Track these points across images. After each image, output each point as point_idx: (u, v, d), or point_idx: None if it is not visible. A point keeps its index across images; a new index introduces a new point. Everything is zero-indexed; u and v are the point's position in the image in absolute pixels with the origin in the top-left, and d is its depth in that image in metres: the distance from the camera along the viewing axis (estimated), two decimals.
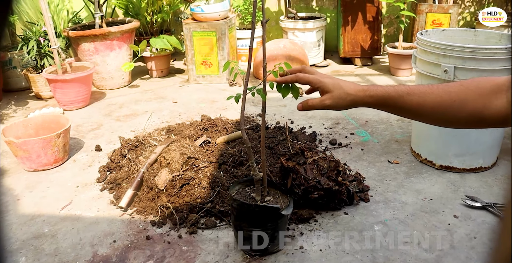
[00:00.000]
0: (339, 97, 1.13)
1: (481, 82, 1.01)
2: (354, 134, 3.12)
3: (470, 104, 0.99)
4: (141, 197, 2.34)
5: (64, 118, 3.01)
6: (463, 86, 1.02)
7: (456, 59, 2.33)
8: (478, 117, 0.99)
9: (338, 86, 1.14)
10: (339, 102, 1.14)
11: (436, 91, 1.03)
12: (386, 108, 1.11)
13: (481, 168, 2.58)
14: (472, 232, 2.06)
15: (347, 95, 1.12)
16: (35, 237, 2.15)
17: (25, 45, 4.02)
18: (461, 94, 1.01)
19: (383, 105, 1.10)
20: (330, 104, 1.15)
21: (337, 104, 1.15)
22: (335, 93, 1.14)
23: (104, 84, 4.46)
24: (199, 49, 4.36)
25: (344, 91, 1.13)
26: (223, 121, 3.03)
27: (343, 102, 1.14)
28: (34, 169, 2.78)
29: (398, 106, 1.08)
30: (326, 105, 1.15)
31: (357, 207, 2.27)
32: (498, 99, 0.96)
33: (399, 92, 1.06)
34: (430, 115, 1.06)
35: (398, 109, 1.10)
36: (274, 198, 1.87)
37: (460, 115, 1.01)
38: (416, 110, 1.06)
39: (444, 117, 1.05)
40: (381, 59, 5.05)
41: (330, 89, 1.14)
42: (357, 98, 1.11)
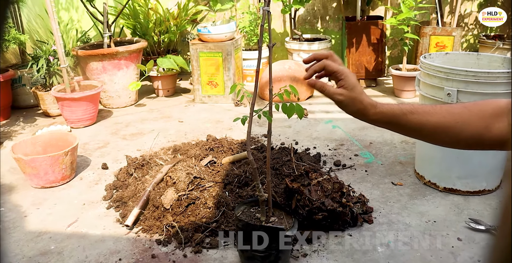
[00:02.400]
0: (352, 100, 1.11)
1: (484, 105, 1.04)
2: (358, 155, 3.14)
3: (472, 125, 1.02)
4: (147, 215, 2.36)
5: (72, 136, 3.05)
6: (466, 109, 1.05)
7: (459, 83, 2.37)
8: (479, 139, 1.02)
9: (359, 91, 1.12)
10: (349, 104, 1.11)
11: (439, 111, 1.06)
12: (390, 125, 1.12)
13: (485, 190, 2.59)
14: (475, 255, 2.06)
15: (359, 103, 1.10)
16: (42, 253, 2.17)
17: (35, 64, 4.09)
18: (463, 116, 1.03)
19: (386, 122, 1.10)
20: (341, 100, 1.11)
21: (346, 105, 1.12)
22: (351, 94, 1.11)
23: (111, 103, 4.51)
24: (205, 69, 4.41)
25: (360, 98, 1.11)
26: (228, 142, 3.06)
27: (352, 106, 1.11)
28: (42, 186, 2.81)
29: (401, 124, 1.09)
30: (337, 99, 1.12)
31: (361, 228, 2.29)
32: (500, 122, 0.99)
33: (403, 110, 1.08)
34: (432, 134, 1.09)
35: (401, 127, 1.11)
36: (278, 218, 1.89)
37: (461, 136, 1.04)
38: (419, 129, 1.08)
39: (446, 137, 1.07)
40: (385, 81, 5.09)
41: (350, 88, 1.11)
42: (364, 110, 1.11)
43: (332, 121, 3.86)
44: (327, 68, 1.13)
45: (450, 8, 5.01)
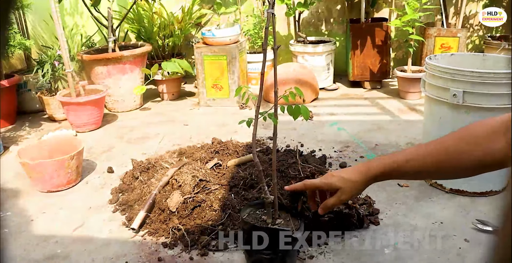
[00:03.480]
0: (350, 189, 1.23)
1: (476, 130, 1.02)
2: (363, 157, 3.13)
3: (469, 156, 1.00)
4: (153, 219, 2.36)
5: (77, 140, 3.05)
6: (458, 139, 1.03)
7: (465, 84, 2.36)
8: (482, 165, 1.00)
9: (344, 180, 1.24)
10: (352, 192, 1.25)
11: (433, 151, 1.06)
12: (391, 178, 1.18)
13: (492, 191, 2.57)
14: (483, 257, 2.05)
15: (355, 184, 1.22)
16: (48, 258, 2.18)
17: (40, 69, 4.11)
18: (458, 148, 1.02)
19: (387, 178, 1.18)
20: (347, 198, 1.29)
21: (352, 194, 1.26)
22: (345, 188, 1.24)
23: (116, 107, 4.53)
24: (210, 73, 4.42)
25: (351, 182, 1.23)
26: (234, 144, 3.06)
27: (356, 190, 1.25)
28: (48, 191, 2.82)
29: (401, 175, 1.14)
30: (344, 200, 1.27)
31: (367, 230, 2.28)
32: (497, 144, 0.96)
33: (398, 162, 1.11)
34: (434, 174, 1.12)
35: (401, 177, 1.18)
36: (285, 221, 1.88)
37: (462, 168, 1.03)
38: (420, 173, 1.11)
39: (449, 172, 1.08)
40: (390, 83, 5.08)
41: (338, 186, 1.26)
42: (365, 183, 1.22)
43: (337, 123, 3.86)
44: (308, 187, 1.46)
45: (455, 9, 5.00)
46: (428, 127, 2.74)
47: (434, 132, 2.63)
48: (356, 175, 1.20)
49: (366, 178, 1.17)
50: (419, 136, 3.38)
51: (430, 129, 2.70)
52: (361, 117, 4.03)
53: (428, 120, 2.74)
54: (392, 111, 4.14)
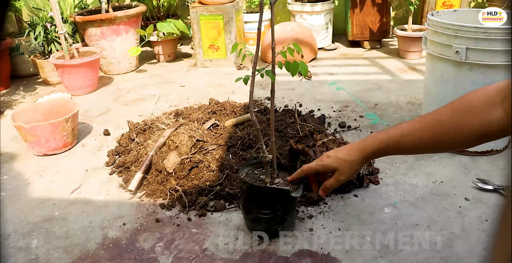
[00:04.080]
0: (349, 169, 1.21)
1: (471, 100, 0.97)
2: (363, 117, 3.09)
3: (466, 127, 0.96)
4: (150, 180, 2.34)
5: (72, 103, 3.00)
6: (454, 111, 0.99)
7: (468, 40, 2.29)
8: (479, 135, 0.96)
9: (340, 161, 1.22)
10: (351, 171, 1.21)
11: (429, 124, 1.02)
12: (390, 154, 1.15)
13: (493, 151, 2.54)
14: (483, 215, 2.03)
15: (352, 163, 1.19)
16: (46, 220, 2.16)
17: (32, 31, 4.01)
18: (454, 120, 0.98)
19: (383, 154, 1.16)
20: (346, 178, 1.23)
21: (350, 174, 1.23)
22: (342, 169, 1.21)
23: (111, 69, 4.45)
24: (206, 33, 4.33)
25: (348, 162, 1.19)
26: (231, 105, 3.01)
27: (353, 170, 1.21)
28: (44, 154, 2.79)
29: (398, 150, 1.11)
30: (342, 180, 1.25)
31: (367, 189, 2.26)
32: (494, 114, 0.91)
33: (393, 138, 1.07)
34: (430, 148, 1.08)
35: (398, 152, 1.15)
36: (283, 180, 1.86)
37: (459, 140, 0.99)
38: (416, 148, 1.07)
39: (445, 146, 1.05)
40: (390, 42, 4.99)
41: (335, 167, 1.24)
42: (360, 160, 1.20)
43: (337, 83, 3.80)
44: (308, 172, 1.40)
45: None
46: (430, 85, 2.68)
47: (436, 91, 2.58)
48: (352, 154, 1.17)
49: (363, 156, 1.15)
50: (420, 95, 3.33)
51: (432, 87, 2.65)
52: (361, 76, 3.97)
53: (430, 78, 2.68)
54: (392, 71, 4.08)
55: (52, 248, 1.96)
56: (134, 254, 1.89)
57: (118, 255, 1.89)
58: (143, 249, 1.92)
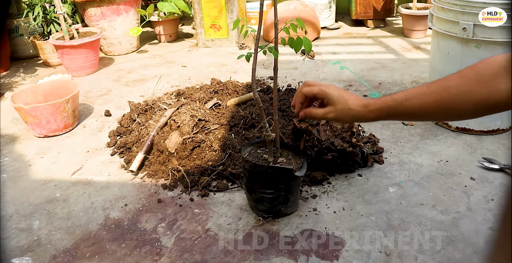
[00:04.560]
0: (342, 111, 1.10)
1: (481, 69, 0.93)
2: (367, 96, 3.05)
3: (473, 95, 0.92)
4: (152, 160, 2.31)
5: (73, 84, 2.97)
6: (462, 78, 0.95)
7: (475, 16, 2.23)
8: (485, 106, 0.92)
9: (343, 100, 1.11)
10: (341, 116, 1.11)
11: (435, 89, 0.97)
12: (390, 118, 1.09)
13: (499, 130, 2.51)
14: (489, 194, 2.01)
15: (349, 111, 1.09)
16: (48, 201, 2.15)
17: (30, 12, 3.95)
18: (461, 87, 0.93)
19: (386, 116, 1.06)
20: (333, 117, 1.12)
21: (340, 118, 1.13)
22: (338, 107, 1.11)
23: (112, 50, 4.40)
24: (207, 12, 4.26)
25: (348, 106, 1.09)
26: (233, 84, 2.97)
27: (345, 117, 1.11)
28: (44, 135, 2.76)
29: (401, 114, 1.04)
30: (329, 118, 1.14)
31: (371, 169, 2.23)
32: (502, 84, 0.87)
33: (397, 100, 1.02)
34: (435, 114, 1.02)
35: (402, 116, 1.09)
36: (287, 159, 1.83)
37: (465, 109, 0.95)
38: (419, 113, 1.01)
39: (450, 113, 0.99)
40: (394, 21, 4.92)
41: (334, 102, 1.11)
42: (359, 113, 1.09)
43: (340, 62, 3.74)
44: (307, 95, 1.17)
45: None
46: (435, 63, 2.63)
47: (442, 69, 2.53)
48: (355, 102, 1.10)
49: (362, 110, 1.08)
50: (424, 74, 3.29)
51: (437, 65, 2.60)
52: (364, 56, 3.91)
53: (435, 56, 2.63)
54: (396, 50, 4.02)
55: (54, 229, 1.95)
56: (136, 234, 1.88)
57: (120, 235, 1.88)
58: (145, 229, 1.90)
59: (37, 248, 1.84)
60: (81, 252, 1.81)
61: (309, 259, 1.69)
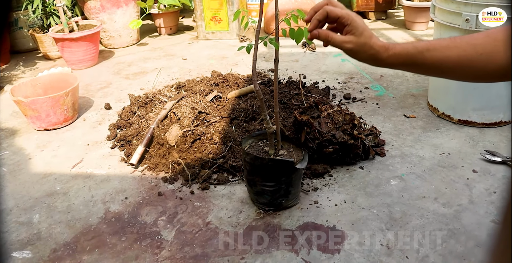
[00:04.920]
0: (362, 46, 1.00)
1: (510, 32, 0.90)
2: (368, 88, 3.03)
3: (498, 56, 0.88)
4: (152, 153, 2.30)
5: (72, 77, 2.95)
6: (489, 37, 0.91)
7: (479, 7, 2.20)
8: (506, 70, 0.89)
9: (368, 35, 1.00)
10: (359, 51, 1.01)
11: (459, 44, 0.93)
12: (406, 67, 1.00)
13: (501, 122, 2.49)
14: (491, 187, 2.00)
15: (370, 48, 0.99)
16: (48, 195, 2.14)
17: (29, 4, 3.92)
18: (487, 47, 0.90)
19: (402, 64, 0.99)
20: (351, 49, 1.01)
21: (356, 52, 1.01)
22: (361, 40, 1.00)
23: (112, 43, 4.38)
24: (208, 5, 4.23)
25: (370, 43, 0.99)
26: (234, 77, 2.95)
27: (363, 53, 1.01)
28: (44, 128, 2.75)
29: (419, 64, 0.96)
30: (346, 47, 1.01)
31: (373, 161, 2.22)
32: None
33: (418, 48, 0.95)
34: (454, 71, 0.96)
35: (418, 67, 0.99)
36: (288, 152, 1.81)
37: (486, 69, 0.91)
38: (438, 66, 0.95)
39: (469, 72, 0.94)
40: (396, 13, 4.89)
41: (358, 33, 0.99)
42: (377, 54, 0.99)
43: (341, 54, 3.71)
44: (330, 14, 1.02)
45: None
46: None
47: None
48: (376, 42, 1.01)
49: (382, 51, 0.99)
50: None
51: None
52: None
53: None
54: (398, 42, 3.98)
55: (54, 223, 1.94)
56: (137, 228, 1.87)
57: (121, 229, 1.87)
58: (146, 223, 1.89)
59: (37, 241, 1.83)
60: (81, 245, 1.80)
61: (310, 252, 1.68)
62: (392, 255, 1.65)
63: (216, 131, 2.28)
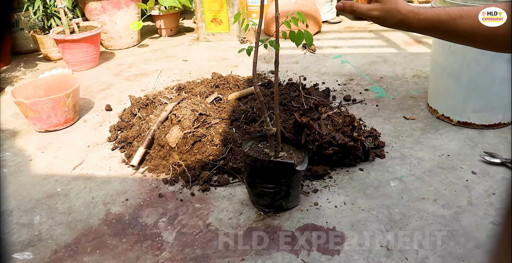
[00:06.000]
0: (389, 11, 1.00)
1: None
2: (368, 90, 3.04)
3: None
4: (153, 155, 2.31)
5: (73, 78, 2.96)
6: None
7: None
8: None
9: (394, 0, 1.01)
10: (387, 17, 1.01)
11: None
12: (436, 33, 0.98)
13: (500, 124, 2.50)
14: (490, 189, 2.00)
15: (398, 13, 0.99)
16: (49, 196, 2.15)
17: (31, 6, 3.94)
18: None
19: (433, 30, 0.97)
20: (378, 16, 1.01)
21: (384, 19, 1.01)
22: (387, 6, 1.00)
23: (113, 44, 4.39)
24: (208, 6, 4.24)
25: (397, 8, 0.99)
26: (234, 78, 2.96)
27: (391, 19, 1.00)
28: (45, 130, 2.76)
29: (450, 31, 0.94)
30: (372, 15, 1.02)
31: (373, 163, 2.23)
32: None
33: (451, 15, 0.93)
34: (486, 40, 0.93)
35: (449, 34, 0.96)
36: (288, 153, 1.82)
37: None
38: (471, 34, 0.92)
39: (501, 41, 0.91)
40: None
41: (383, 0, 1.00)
42: (406, 19, 0.97)
43: (341, 56, 3.73)
44: None
45: None
46: (437, 57, 2.62)
47: (444, 63, 2.52)
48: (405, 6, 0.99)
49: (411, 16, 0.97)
50: (426, 68, 3.27)
51: (439, 59, 2.58)
52: (366, 49, 3.90)
53: (437, 50, 2.62)
54: (398, 44, 4.00)
55: (55, 224, 1.95)
56: (137, 229, 1.88)
57: (121, 230, 1.88)
58: (146, 224, 1.90)
59: (38, 243, 1.84)
60: (82, 247, 1.81)
61: (310, 253, 1.69)
62: (392, 257, 1.65)
63: (217, 133, 2.29)
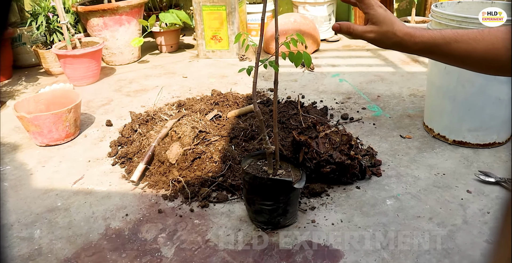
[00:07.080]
0: (385, 34, 1.01)
1: None
2: (365, 109, 3.08)
3: None
4: (153, 171, 2.34)
5: (75, 93, 3.00)
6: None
7: None
8: None
9: (390, 22, 1.01)
10: (382, 39, 1.02)
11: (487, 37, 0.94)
12: (431, 55, 1.00)
13: (495, 143, 2.54)
14: (485, 207, 2.03)
15: (393, 36, 1.00)
16: (49, 210, 2.17)
17: (34, 21, 4.00)
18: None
19: (428, 52, 0.99)
20: (374, 38, 1.03)
21: (379, 40, 1.03)
22: (383, 29, 1.01)
23: (113, 60, 4.44)
24: (208, 24, 4.31)
25: (392, 30, 1.00)
26: (233, 96, 3.01)
27: (387, 41, 1.02)
28: (46, 144, 2.79)
29: (445, 54, 0.96)
30: (368, 37, 1.03)
31: (369, 181, 2.26)
32: None
33: (446, 39, 0.96)
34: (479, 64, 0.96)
35: (444, 57, 0.97)
36: (286, 171, 1.86)
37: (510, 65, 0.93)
38: (465, 58, 0.95)
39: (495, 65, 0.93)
40: None
41: (379, 22, 1.01)
42: (402, 41, 0.99)
43: (339, 74, 3.79)
44: None
45: None
46: (433, 77, 2.67)
47: (439, 83, 2.57)
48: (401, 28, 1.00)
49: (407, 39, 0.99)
50: (422, 87, 3.32)
51: (435, 79, 2.63)
52: (363, 68, 3.95)
53: (433, 70, 2.67)
54: (395, 63, 4.06)
55: (55, 238, 1.97)
56: (137, 244, 1.90)
57: (121, 245, 1.90)
58: (146, 239, 1.92)
59: (38, 257, 1.86)
60: (82, 261, 1.82)
61: None
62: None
63: (216, 150, 2.33)
